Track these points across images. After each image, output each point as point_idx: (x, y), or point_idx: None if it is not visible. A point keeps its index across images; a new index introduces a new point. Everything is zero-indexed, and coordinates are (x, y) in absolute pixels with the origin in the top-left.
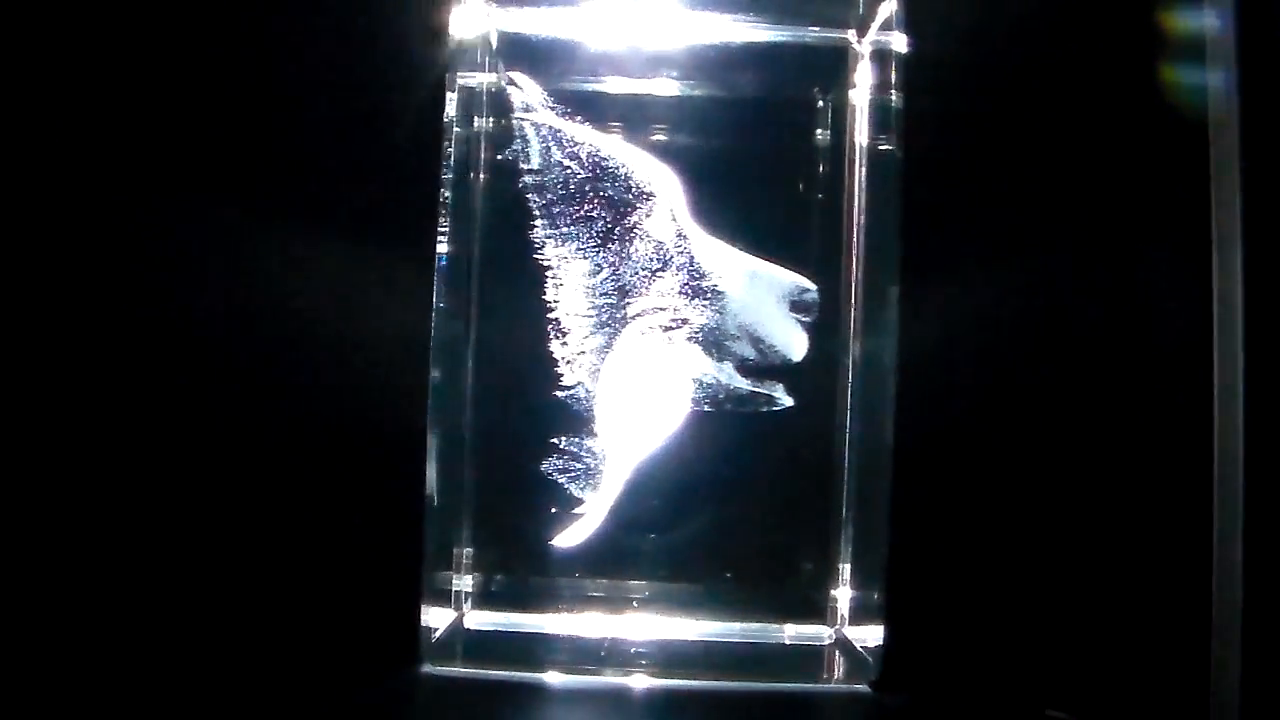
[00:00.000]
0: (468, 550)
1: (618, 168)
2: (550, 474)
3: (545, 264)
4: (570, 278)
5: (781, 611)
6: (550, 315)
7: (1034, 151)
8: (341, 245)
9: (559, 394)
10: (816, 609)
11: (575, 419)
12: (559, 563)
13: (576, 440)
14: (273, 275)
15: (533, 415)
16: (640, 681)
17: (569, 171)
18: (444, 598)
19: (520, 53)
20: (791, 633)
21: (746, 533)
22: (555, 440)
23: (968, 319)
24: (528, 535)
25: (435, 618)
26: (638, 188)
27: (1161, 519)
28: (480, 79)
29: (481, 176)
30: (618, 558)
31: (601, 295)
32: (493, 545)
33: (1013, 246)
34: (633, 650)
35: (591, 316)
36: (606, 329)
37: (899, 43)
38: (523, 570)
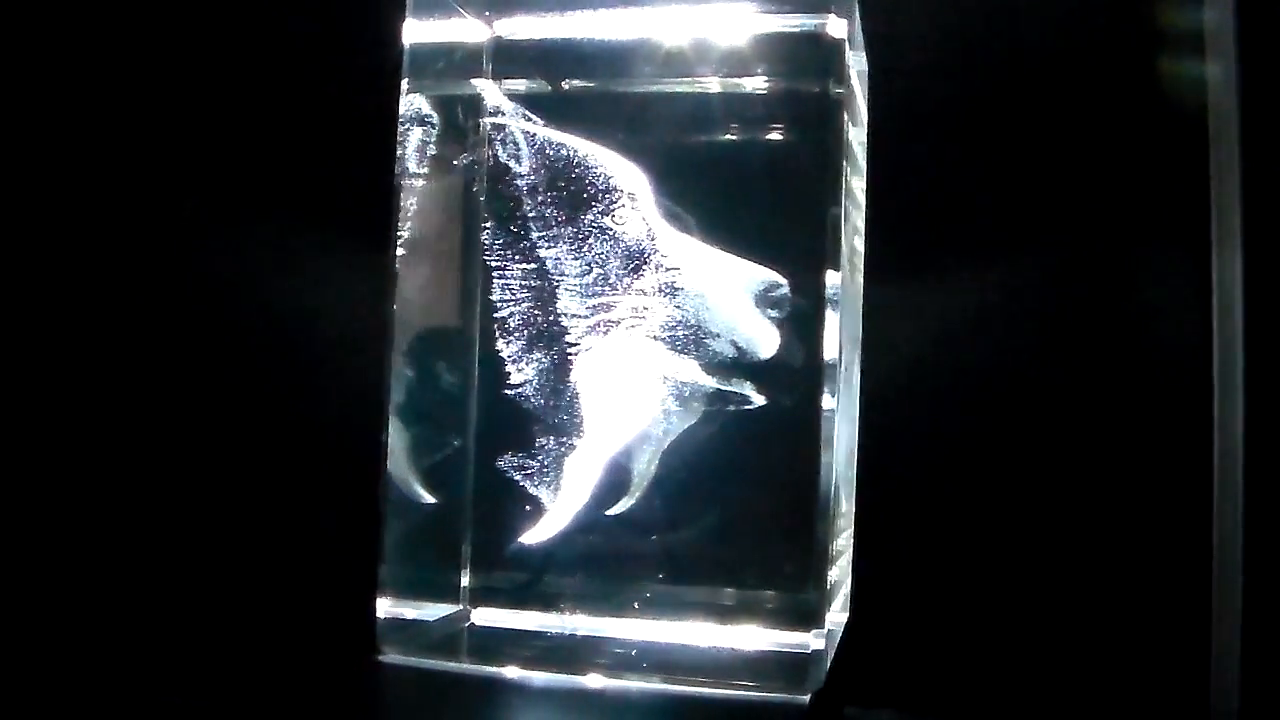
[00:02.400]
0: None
1: (583, 166)
2: (509, 472)
3: (503, 263)
4: (534, 276)
5: (756, 616)
6: (505, 314)
7: (1031, 149)
8: (308, 244)
9: (510, 392)
10: (796, 615)
11: (534, 417)
12: (523, 561)
13: (536, 439)
14: (244, 270)
15: (492, 414)
16: (598, 682)
17: (533, 171)
18: (407, 590)
19: (482, 55)
20: (760, 639)
21: (716, 535)
22: (516, 438)
23: (960, 320)
24: (493, 534)
25: (429, 611)
26: (605, 186)
27: (1161, 519)
28: (442, 82)
29: (443, 179)
30: (583, 557)
31: (567, 293)
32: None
33: (1007, 246)
34: (595, 650)
35: (556, 315)
36: (572, 327)
37: (838, 28)
38: (485, 568)
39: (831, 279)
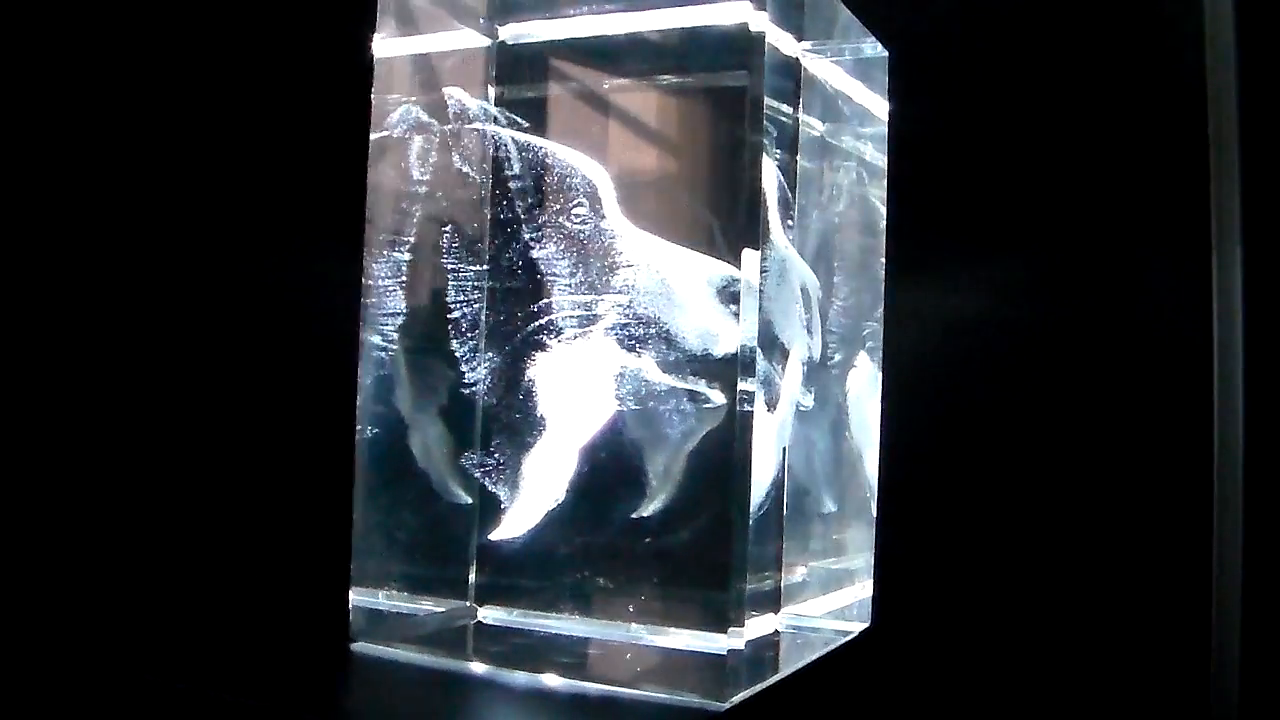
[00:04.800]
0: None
1: (542, 164)
2: (471, 470)
3: (461, 264)
4: (494, 276)
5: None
6: (458, 316)
7: (1030, 148)
8: (288, 244)
9: (466, 391)
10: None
11: (493, 418)
12: (488, 558)
13: (494, 439)
14: (225, 270)
15: (456, 413)
16: (554, 681)
17: (496, 171)
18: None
19: (452, 60)
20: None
21: (665, 534)
22: (476, 438)
23: (960, 319)
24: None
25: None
26: (560, 182)
27: (1161, 519)
28: (411, 88)
29: (417, 179)
30: (540, 557)
31: (525, 293)
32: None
33: (1006, 246)
34: (558, 648)
35: (512, 314)
36: (525, 327)
37: (759, 22)
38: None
39: (749, 268)
